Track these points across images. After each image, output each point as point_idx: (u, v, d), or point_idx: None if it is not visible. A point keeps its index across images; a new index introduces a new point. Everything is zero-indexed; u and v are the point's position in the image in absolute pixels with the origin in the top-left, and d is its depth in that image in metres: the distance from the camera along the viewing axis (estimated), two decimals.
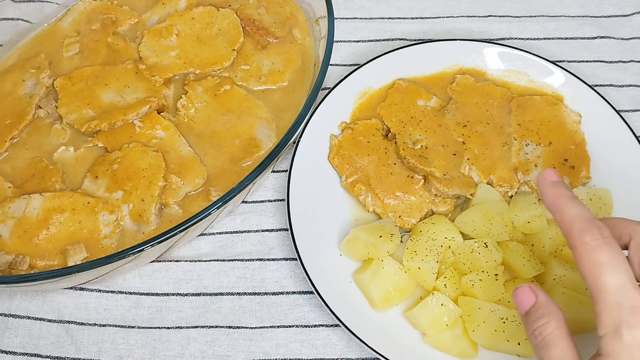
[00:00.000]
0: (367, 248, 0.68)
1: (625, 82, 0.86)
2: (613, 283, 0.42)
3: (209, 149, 0.74)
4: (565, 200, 0.46)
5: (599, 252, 0.43)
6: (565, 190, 0.47)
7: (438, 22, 0.92)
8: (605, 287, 0.43)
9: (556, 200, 0.47)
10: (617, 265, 0.43)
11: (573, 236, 0.44)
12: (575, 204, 0.46)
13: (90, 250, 0.67)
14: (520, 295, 0.49)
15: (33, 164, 0.73)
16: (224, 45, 0.80)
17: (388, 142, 0.76)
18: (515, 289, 0.50)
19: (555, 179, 0.49)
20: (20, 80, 0.79)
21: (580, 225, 0.44)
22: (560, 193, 0.47)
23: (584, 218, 0.45)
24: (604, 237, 0.44)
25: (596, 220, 0.44)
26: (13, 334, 0.69)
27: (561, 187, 0.47)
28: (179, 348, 0.68)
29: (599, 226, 0.44)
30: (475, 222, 0.69)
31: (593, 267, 0.43)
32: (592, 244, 0.43)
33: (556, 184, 0.48)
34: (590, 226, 0.44)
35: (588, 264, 0.43)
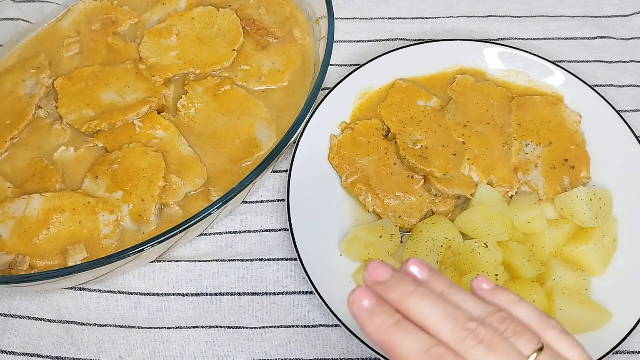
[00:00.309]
0: (367, 248, 0.68)
1: (625, 82, 0.86)
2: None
3: (209, 149, 0.74)
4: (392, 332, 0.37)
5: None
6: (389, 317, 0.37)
7: (438, 22, 0.92)
8: None
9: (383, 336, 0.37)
10: None
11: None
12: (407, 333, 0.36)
13: (90, 250, 0.67)
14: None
15: (33, 164, 0.73)
16: (224, 45, 0.80)
17: (388, 142, 0.76)
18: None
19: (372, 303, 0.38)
20: (20, 80, 0.79)
21: None
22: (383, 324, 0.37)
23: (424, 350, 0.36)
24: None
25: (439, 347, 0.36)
26: (13, 334, 0.69)
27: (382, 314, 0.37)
28: (179, 348, 0.68)
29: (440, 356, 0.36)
30: (475, 222, 0.69)
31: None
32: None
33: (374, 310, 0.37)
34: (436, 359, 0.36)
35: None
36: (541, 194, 0.73)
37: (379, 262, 0.40)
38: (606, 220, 0.70)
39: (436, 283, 0.39)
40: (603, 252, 0.68)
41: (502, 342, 0.35)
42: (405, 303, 0.38)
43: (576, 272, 0.68)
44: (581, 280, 0.67)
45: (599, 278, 0.69)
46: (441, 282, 0.39)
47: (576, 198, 0.70)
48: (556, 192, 0.73)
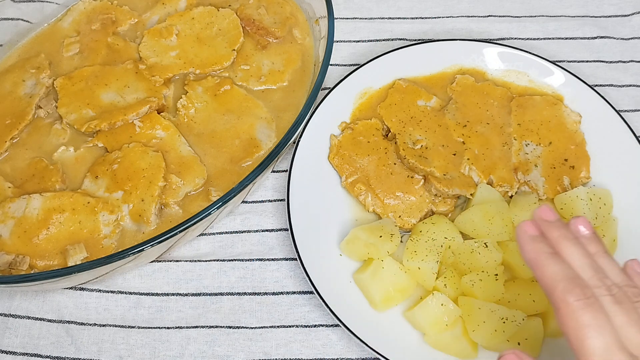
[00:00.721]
0: (367, 248, 0.68)
1: (625, 82, 0.86)
2: (598, 346, 0.41)
3: (209, 149, 0.74)
4: (546, 257, 0.44)
5: (583, 314, 0.41)
6: (546, 247, 0.45)
7: (438, 22, 0.92)
8: (590, 350, 0.41)
9: (537, 257, 0.45)
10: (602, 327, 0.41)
11: (556, 296, 0.43)
12: (557, 262, 0.44)
13: (90, 250, 0.67)
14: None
15: (33, 164, 0.73)
16: (224, 45, 0.80)
17: (388, 142, 0.76)
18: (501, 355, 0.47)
19: (535, 233, 0.46)
20: (20, 80, 0.79)
21: (563, 285, 0.43)
22: (541, 249, 0.45)
23: (566, 277, 0.43)
24: (587, 298, 0.42)
25: (579, 280, 0.43)
26: (13, 334, 0.69)
27: (541, 243, 0.45)
28: (179, 348, 0.68)
29: (582, 286, 0.43)
30: (475, 222, 0.69)
31: (577, 329, 0.41)
32: (576, 305, 0.42)
33: (536, 238, 0.46)
34: (573, 286, 0.42)
35: (572, 326, 0.42)
36: (541, 194, 0.73)
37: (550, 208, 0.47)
38: (606, 220, 0.70)
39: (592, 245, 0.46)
40: None
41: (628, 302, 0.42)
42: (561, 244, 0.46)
43: None
44: None
45: None
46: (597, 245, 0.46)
47: (576, 198, 0.70)
48: (556, 192, 0.73)
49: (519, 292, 0.66)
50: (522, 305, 0.65)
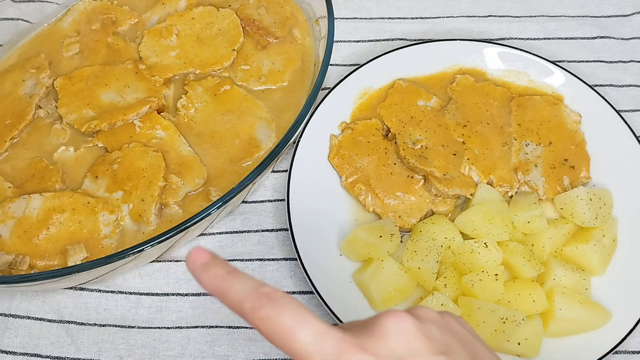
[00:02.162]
0: (367, 248, 0.68)
1: (625, 82, 0.86)
2: (308, 341, 0.37)
3: (209, 149, 0.74)
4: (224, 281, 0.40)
5: (281, 320, 0.38)
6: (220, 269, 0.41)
7: (438, 22, 0.92)
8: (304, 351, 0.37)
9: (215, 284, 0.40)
10: (303, 321, 0.38)
11: (249, 318, 0.39)
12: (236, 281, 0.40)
13: (90, 250, 0.67)
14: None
15: (33, 164, 0.73)
16: (224, 45, 0.80)
17: (388, 142, 0.76)
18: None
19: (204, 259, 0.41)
20: (20, 80, 0.79)
21: (251, 303, 0.38)
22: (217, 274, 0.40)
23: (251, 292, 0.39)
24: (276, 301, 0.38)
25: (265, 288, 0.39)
26: (13, 334, 0.69)
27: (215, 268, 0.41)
28: (179, 348, 0.68)
29: (268, 294, 0.38)
30: (475, 222, 0.69)
31: (284, 338, 0.37)
32: (271, 315, 0.38)
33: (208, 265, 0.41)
34: (259, 298, 0.38)
35: (279, 335, 0.37)
36: (541, 194, 0.73)
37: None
38: (606, 220, 0.70)
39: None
40: (603, 252, 0.68)
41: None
42: None
43: (576, 272, 0.68)
44: (581, 280, 0.67)
45: (599, 278, 0.69)
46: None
47: (576, 198, 0.70)
48: (556, 192, 0.73)
49: (519, 292, 0.66)
50: (522, 305, 0.65)
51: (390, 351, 0.38)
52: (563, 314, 0.64)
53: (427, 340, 0.39)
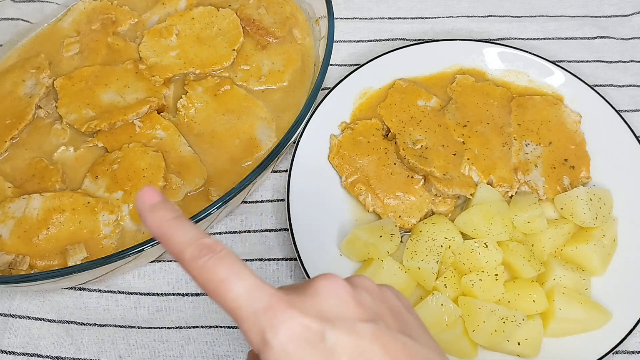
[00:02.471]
0: (367, 248, 0.68)
1: (625, 82, 0.86)
2: (240, 293, 0.37)
3: (209, 149, 0.74)
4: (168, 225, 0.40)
5: (216, 270, 0.38)
6: (168, 213, 0.40)
7: (438, 22, 0.92)
8: (235, 302, 0.37)
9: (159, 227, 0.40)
10: (238, 274, 0.38)
11: (186, 265, 0.39)
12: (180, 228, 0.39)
13: (90, 250, 0.67)
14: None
15: (33, 164, 0.73)
16: (224, 45, 0.80)
17: (388, 142, 0.76)
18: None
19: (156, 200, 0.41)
20: (20, 80, 0.79)
21: (191, 251, 0.38)
22: (163, 217, 0.40)
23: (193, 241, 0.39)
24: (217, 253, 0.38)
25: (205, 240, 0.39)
26: (13, 334, 0.69)
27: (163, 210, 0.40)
28: (179, 348, 0.68)
29: (209, 245, 0.39)
30: (475, 222, 0.69)
31: (218, 288, 0.37)
32: (208, 265, 0.38)
33: (156, 206, 0.40)
34: (200, 249, 0.38)
35: (212, 288, 0.38)
36: (541, 194, 0.73)
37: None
38: (606, 220, 0.70)
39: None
40: (603, 252, 0.68)
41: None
42: None
43: (576, 272, 0.68)
44: (581, 280, 0.67)
45: (599, 278, 0.69)
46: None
47: (576, 198, 0.70)
48: (556, 192, 0.73)
49: (519, 292, 0.66)
50: (522, 305, 0.65)
51: (318, 310, 0.38)
52: (563, 314, 0.64)
53: (357, 305, 0.39)
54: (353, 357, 0.37)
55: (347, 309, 0.39)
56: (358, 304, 0.39)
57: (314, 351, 0.36)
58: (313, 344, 0.36)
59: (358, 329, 0.37)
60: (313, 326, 0.36)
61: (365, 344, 0.37)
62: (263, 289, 0.37)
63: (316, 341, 0.36)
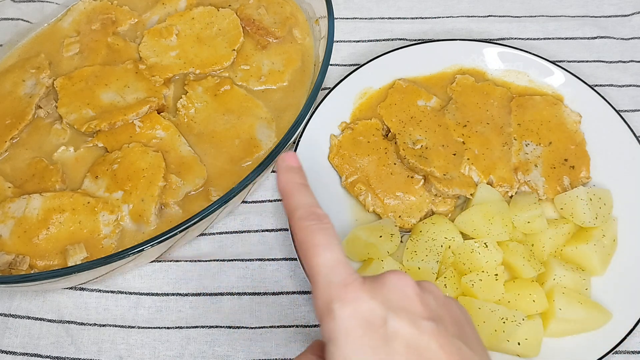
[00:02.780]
0: (367, 248, 0.68)
1: (625, 82, 0.86)
2: (325, 262, 0.42)
3: (209, 149, 0.74)
4: (294, 187, 0.46)
5: (315, 235, 0.43)
6: (298, 178, 0.47)
7: (438, 22, 0.92)
8: (318, 267, 0.42)
9: (286, 185, 0.46)
10: (331, 245, 0.42)
11: (293, 222, 0.44)
12: (303, 193, 0.46)
13: (90, 250, 0.67)
14: None
15: (33, 164, 0.73)
16: (224, 45, 0.80)
17: (388, 142, 0.76)
18: None
19: (294, 164, 0.48)
20: (20, 80, 0.79)
21: (303, 211, 0.44)
22: (292, 180, 0.47)
23: (307, 206, 0.45)
24: (322, 223, 0.43)
25: (317, 209, 0.45)
26: (13, 334, 0.69)
27: (295, 174, 0.47)
28: (179, 348, 0.68)
29: (318, 214, 0.44)
30: (475, 222, 0.69)
31: (309, 248, 0.42)
32: (310, 228, 0.43)
33: (292, 169, 0.47)
34: (309, 213, 0.44)
35: (305, 248, 0.43)
36: (541, 194, 0.73)
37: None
38: (606, 220, 0.70)
39: None
40: (603, 252, 0.68)
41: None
42: None
43: (576, 272, 0.68)
44: (581, 280, 0.67)
45: (599, 278, 0.69)
46: None
47: (576, 198, 0.70)
48: (556, 192, 0.73)
49: (519, 292, 0.66)
50: (522, 305, 0.65)
51: (385, 298, 0.41)
52: (563, 314, 0.64)
53: (422, 304, 0.42)
54: (409, 347, 0.39)
55: (412, 304, 0.41)
56: (422, 303, 0.42)
57: (372, 333, 0.39)
58: (374, 327, 0.39)
59: (419, 324, 0.40)
60: (378, 311, 0.40)
61: (423, 338, 0.40)
62: (345, 267, 0.42)
63: (377, 325, 0.39)
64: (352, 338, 0.39)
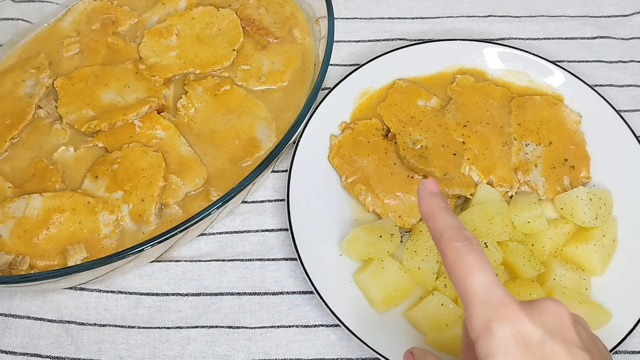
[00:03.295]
0: (367, 248, 0.68)
1: (625, 82, 0.86)
2: (480, 282, 0.43)
3: (209, 149, 0.74)
4: (439, 210, 0.48)
5: (467, 256, 0.44)
6: (441, 202, 0.49)
7: (438, 22, 0.92)
8: (472, 287, 0.43)
9: (432, 210, 0.48)
10: (484, 267, 0.44)
11: (443, 243, 0.46)
12: (448, 215, 0.48)
13: (90, 250, 0.67)
14: None
15: (33, 164, 0.73)
16: (224, 45, 0.80)
17: (388, 142, 0.76)
18: None
19: (434, 190, 0.50)
20: (20, 80, 0.79)
21: (451, 233, 0.46)
22: (436, 204, 0.48)
23: (454, 227, 0.46)
24: (471, 244, 0.45)
25: (465, 232, 0.46)
26: (13, 334, 0.69)
27: (437, 199, 0.49)
28: (179, 348, 0.68)
29: (467, 236, 0.46)
30: (475, 222, 0.69)
31: (461, 269, 0.44)
32: (461, 249, 0.45)
33: (434, 194, 0.49)
34: (459, 235, 0.46)
35: (457, 268, 0.44)
36: (541, 194, 0.73)
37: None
38: (606, 220, 0.70)
39: None
40: (603, 252, 0.68)
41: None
42: None
43: (576, 272, 0.68)
44: (581, 280, 0.67)
45: (599, 278, 0.69)
46: None
47: (576, 198, 0.70)
48: (556, 192, 0.73)
49: (519, 292, 0.66)
50: None
51: (543, 322, 0.42)
52: None
53: (576, 334, 0.44)
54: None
55: (568, 332, 0.43)
56: (577, 332, 0.44)
57: (530, 354, 0.41)
58: (532, 348, 0.41)
59: (574, 352, 0.42)
60: (537, 334, 0.41)
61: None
62: (502, 288, 0.43)
63: (535, 347, 0.41)
64: (511, 356, 0.41)
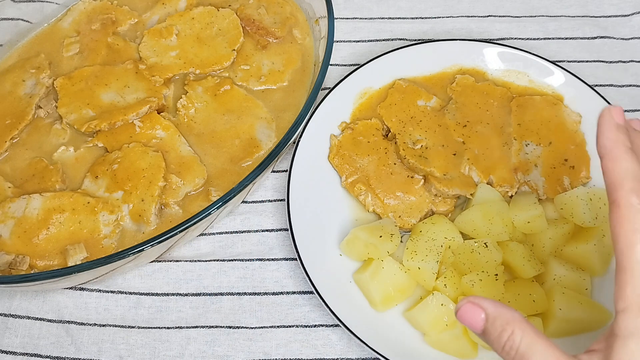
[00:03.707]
0: (367, 248, 0.68)
1: (625, 82, 0.86)
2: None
3: (209, 149, 0.74)
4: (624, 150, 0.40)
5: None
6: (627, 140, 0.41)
7: (438, 22, 0.92)
8: (638, 256, 0.37)
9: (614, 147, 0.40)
10: None
11: (619, 194, 0.39)
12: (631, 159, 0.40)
13: (90, 250, 0.67)
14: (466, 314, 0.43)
15: (33, 164, 0.73)
16: (224, 45, 0.80)
17: (388, 142, 0.76)
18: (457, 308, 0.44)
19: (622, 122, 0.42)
20: (20, 80, 0.79)
21: (632, 185, 0.39)
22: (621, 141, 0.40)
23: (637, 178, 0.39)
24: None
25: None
26: (13, 334, 0.69)
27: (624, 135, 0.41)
28: (179, 348, 0.68)
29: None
30: (475, 222, 0.69)
31: (630, 232, 0.38)
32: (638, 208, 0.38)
33: (620, 128, 0.41)
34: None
35: (625, 228, 0.38)
36: (541, 194, 0.73)
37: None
38: (606, 220, 0.70)
39: None
40: (603, 252, 0.68)
41: None
42: None
43: (576, 272, 0.68)
44: (581, 280, 0.67)
45: (599, 278, 0.69)
46: None
47: (576, 198, 0.70)
48: (556, 192, 0.73)
49: (519, 292, 0.66)
50: (522, 305, 0.65)
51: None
52: (563, 314, 0.64)
53: None
54: None
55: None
56: None
57: None
58: None
59: None
60: None
61: None
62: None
63: None
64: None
